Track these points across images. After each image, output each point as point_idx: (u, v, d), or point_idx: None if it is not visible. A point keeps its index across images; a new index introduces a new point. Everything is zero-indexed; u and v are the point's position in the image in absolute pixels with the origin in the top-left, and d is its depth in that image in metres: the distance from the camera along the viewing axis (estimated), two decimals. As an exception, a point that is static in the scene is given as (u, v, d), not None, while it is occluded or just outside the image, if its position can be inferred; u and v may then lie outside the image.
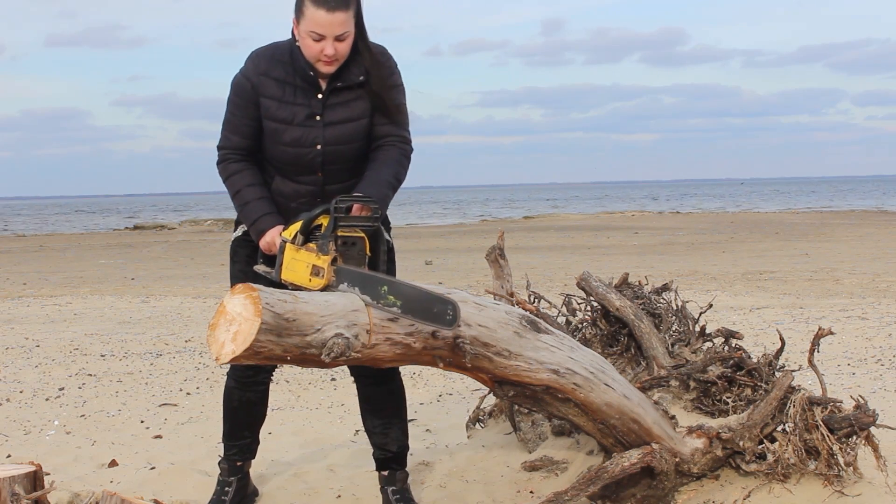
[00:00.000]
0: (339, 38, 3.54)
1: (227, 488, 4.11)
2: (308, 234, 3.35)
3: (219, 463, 4.16)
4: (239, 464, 4.13)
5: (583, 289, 4.66)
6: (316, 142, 3.68)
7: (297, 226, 3.40)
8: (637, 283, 4.78)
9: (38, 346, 8.75)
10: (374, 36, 3.69)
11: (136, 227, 39.55)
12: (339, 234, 3.28)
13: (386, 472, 4.07)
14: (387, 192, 3.65)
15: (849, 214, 37.91)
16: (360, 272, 3.18)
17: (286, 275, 3.39)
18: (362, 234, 3.34)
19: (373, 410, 4.03)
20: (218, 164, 3.80)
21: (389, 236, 3.87)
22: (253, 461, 4.23)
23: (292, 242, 3.37)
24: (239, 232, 3.90)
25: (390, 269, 3.75)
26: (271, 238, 3.63)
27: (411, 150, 3.80)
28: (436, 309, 3.06)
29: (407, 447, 4.09)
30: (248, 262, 3.80)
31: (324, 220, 3.35)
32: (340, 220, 3.29)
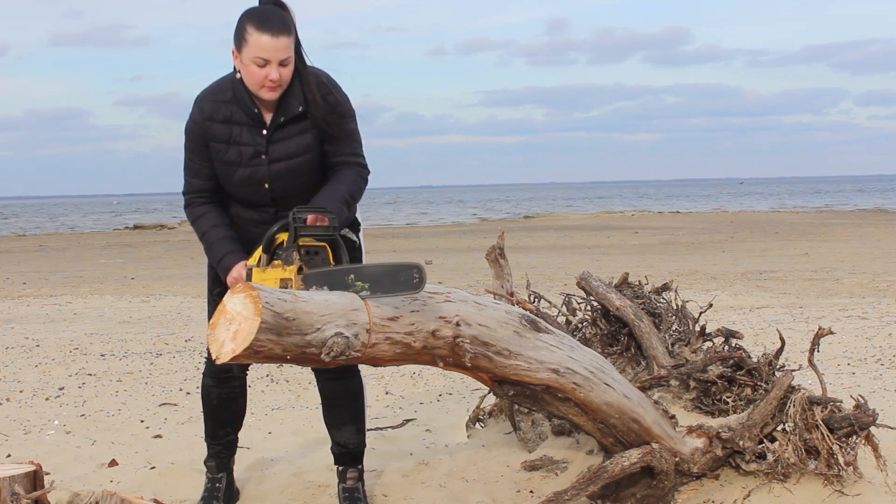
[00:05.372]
0: (282, 63, 3.58)
1: (217, 485, 4.19)
2: (272, 253, 3.43)
3: (205, 462, 4.23)
4: (226, 459, 4.22)
5: (583, 288, 4.66)
6: (263, 180, 3.74)
7: (259, 250, 3.47)
8: (637, 283, 4.78)
9: (38, 346, 8.74)
10: (378, 35, 3.71)
11: (136, 227, 39.53)
12: (301, 244, 3.36)
13: (340, 468, 4.15)
14: (342, 206, 3.68)
15: (849, 214, 37.89)
16: (325, 271, 3.23)
17: None
18: (324, 244, 3.40)
19: (330, 406, 4.10)
20: (185, 208, 3.89)
21: (359, 237, 3.95)
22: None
23: (258, 265, 3.43)
24: None
25: None
26: (237, 273, 3.70)
27: (368, 171, 3.84)
28: (402, 277, 3.09)
29: (363, 444, 4.15)
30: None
31: (284, 237, 3.42)
32: (300, 229, 3.36)
